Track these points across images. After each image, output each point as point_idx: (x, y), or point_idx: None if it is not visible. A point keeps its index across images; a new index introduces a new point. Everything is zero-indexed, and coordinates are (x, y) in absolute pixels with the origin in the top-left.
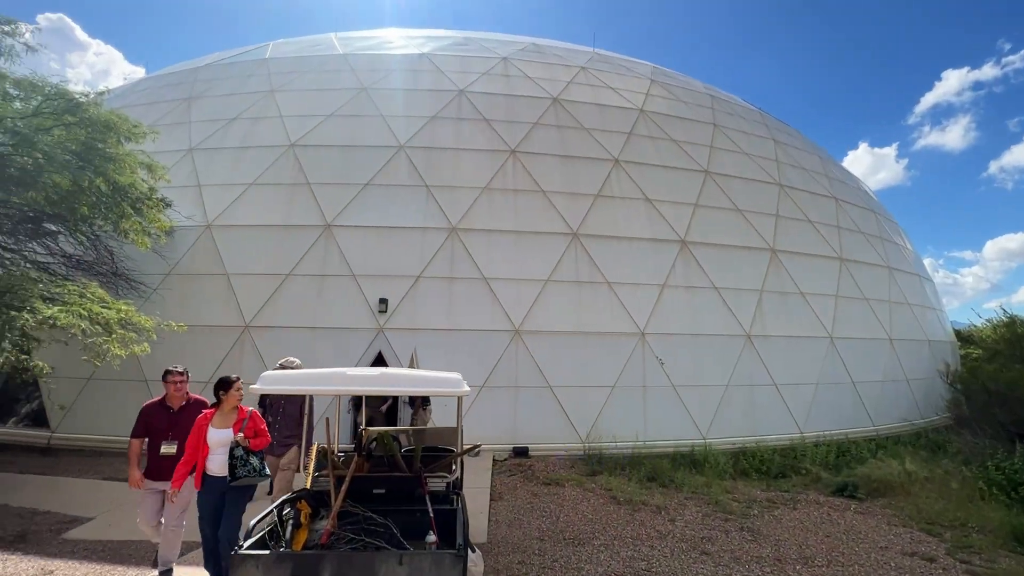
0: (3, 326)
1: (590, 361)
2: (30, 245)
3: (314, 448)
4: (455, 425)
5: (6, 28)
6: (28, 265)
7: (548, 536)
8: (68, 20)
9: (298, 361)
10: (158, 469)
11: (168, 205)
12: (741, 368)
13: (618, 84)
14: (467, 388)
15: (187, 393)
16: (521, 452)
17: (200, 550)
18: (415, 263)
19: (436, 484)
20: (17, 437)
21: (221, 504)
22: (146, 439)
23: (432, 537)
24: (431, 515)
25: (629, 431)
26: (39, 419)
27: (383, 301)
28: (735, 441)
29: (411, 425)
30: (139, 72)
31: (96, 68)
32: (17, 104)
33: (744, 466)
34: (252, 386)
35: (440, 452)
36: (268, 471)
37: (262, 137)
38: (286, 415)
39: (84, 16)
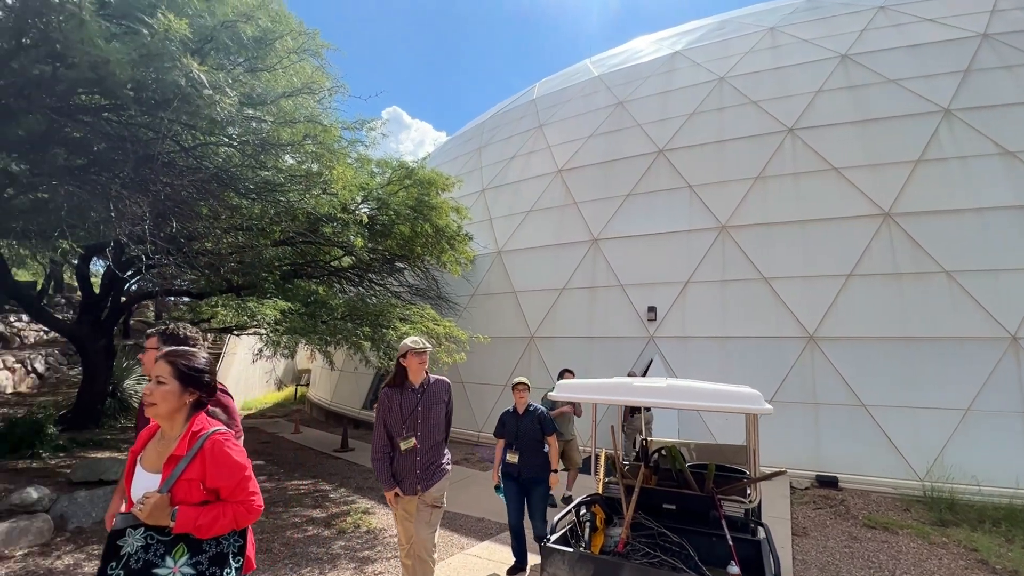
0: (378, 340)
1: (921, 375)
2: (388, 279)
3: (602, 454)
4: (745, 444)
5: (372, 126)
6: (388, 294)
7: None
8: (399, 109)
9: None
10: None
11: (471, 238)
12: None
13: (940, 11)
14: (768, 407)
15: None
16: (828, 482)
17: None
18: (682, 268)
19: (732, 509)
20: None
21: None
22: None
23: (735, 569)
24: (730, 543)
25: (1001, 473)
26: None
27: (651, 309)
28: None
29: (623, 431)
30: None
31: (415, 140)
32: (377, 178)
33: None
34: (549, 394)
35: (733, 473)
36: None
37: (534, 169)
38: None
39: (407, 104)
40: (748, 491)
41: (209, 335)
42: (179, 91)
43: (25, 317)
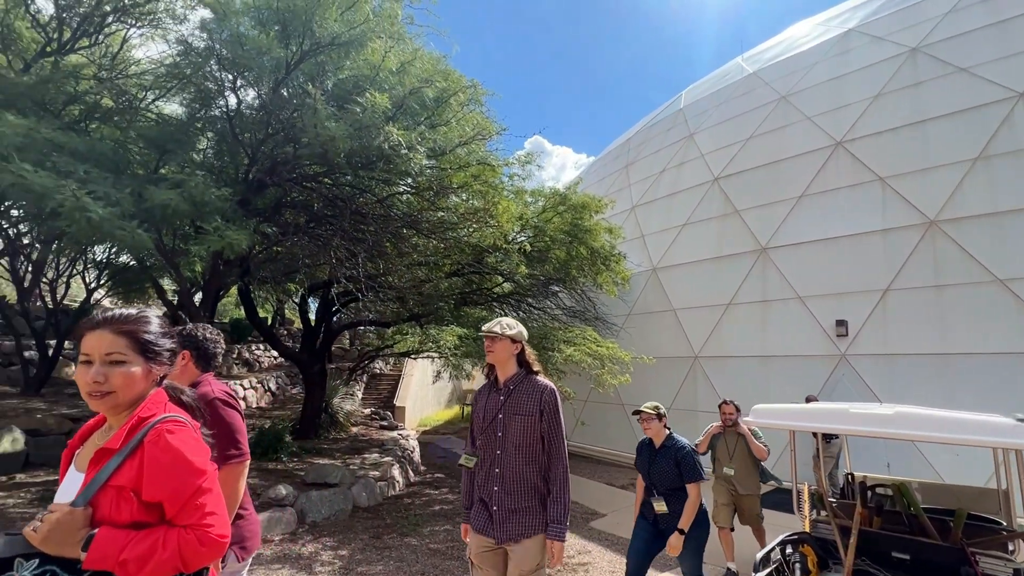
0: (544, 362)
1: None
2: (544, 302)
3: (804, 488)
4: (992, 487)
5: (526, 160)
6: (547, 317)
7: None
8: (539, 138)
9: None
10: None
11: (624, 257)
12: None
13: None
14: None
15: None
16: None
17: None
18: (879, 274)
19: (990, 566)
20: None
21: None
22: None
23: None
24: None
25: None
26: None
27: (841, 323)
28: None
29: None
30: (583, 159)
31: (557, 165)
32: (531, 207)
33: None
34: (744, 419)
35: (983, 522)
36: None
37: (687, 180)
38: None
39: (547, 131)
40: (1010, 546)
41: (391, 358)
42: (382, 154)
43: (261, 346)
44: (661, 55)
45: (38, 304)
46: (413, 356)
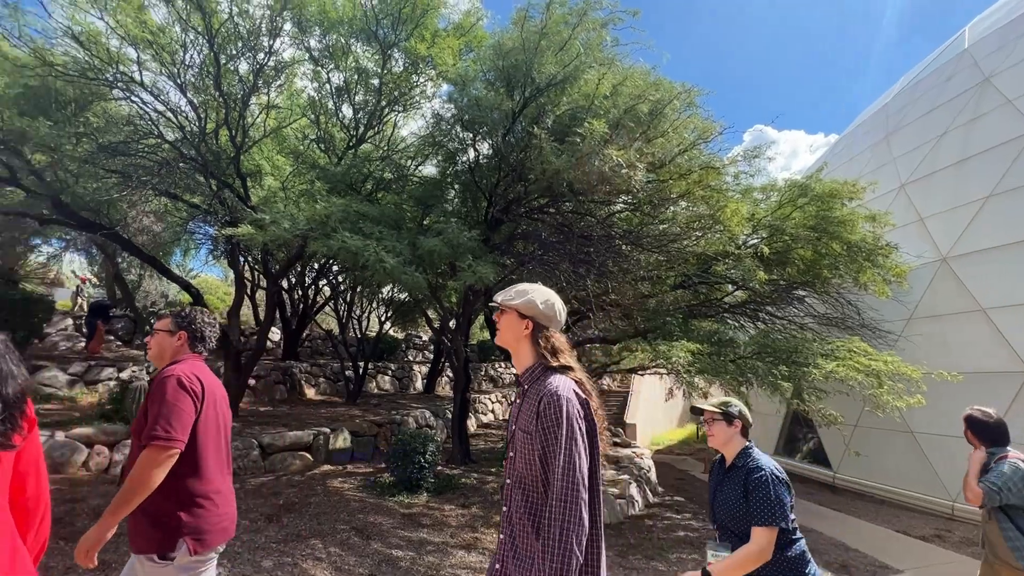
0: (797, 380)
1: None
2: (787, 309)
3: None
4: None
5: (753, 154)
6: (793, 326)
7: None
8: (760, 126)
9: None
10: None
11: (895, 248)
12: None
13: None
14: None
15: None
16: None
17: None
18: None
19: None
20: (802, 470)
21: None
22: None
23: None
24: None
25: None
26: (819, 457)
27: None
28: None
29: None
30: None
31: (786, 153)
32: (762, 205)
33: None
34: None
35: None
36: None
37: (984, 139)
38: None
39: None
40: None
41: (618, 375)
42: (602, 177)
43: (502, 364)
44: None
45: (351, 335)
46: (641, 372)
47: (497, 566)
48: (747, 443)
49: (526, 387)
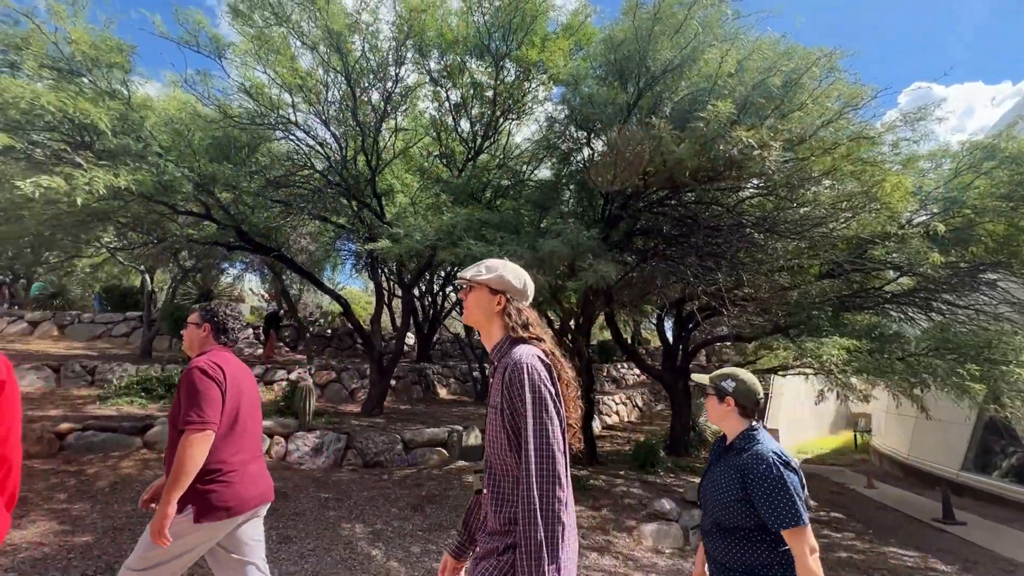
0: (992, 381)
1: None
2: (974, 297)
3: None
4: None
5: (918, 116)
6: (980, 317)
7: None
8: (921, 83)
9: None
10: None
11: None
12: None
13: None
14: None
15: None
16: None
17: None
18: None
19: None
20: (1002, 491)
21: None
22: None
23: None
24: None
25: None
26: (1022, 475)
27: None
28: None
29: None
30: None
31: (958, 112)
32: (930, 175)
33: None
34: None
35: None
36: None
37: None
38: None
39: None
40: None
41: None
42: (730, 161)
43: (624, 364)
44: None
45: (476, 337)
46: (782, 373)
47: (476, 548)
48: (751, 424)
49: (495, 363)
